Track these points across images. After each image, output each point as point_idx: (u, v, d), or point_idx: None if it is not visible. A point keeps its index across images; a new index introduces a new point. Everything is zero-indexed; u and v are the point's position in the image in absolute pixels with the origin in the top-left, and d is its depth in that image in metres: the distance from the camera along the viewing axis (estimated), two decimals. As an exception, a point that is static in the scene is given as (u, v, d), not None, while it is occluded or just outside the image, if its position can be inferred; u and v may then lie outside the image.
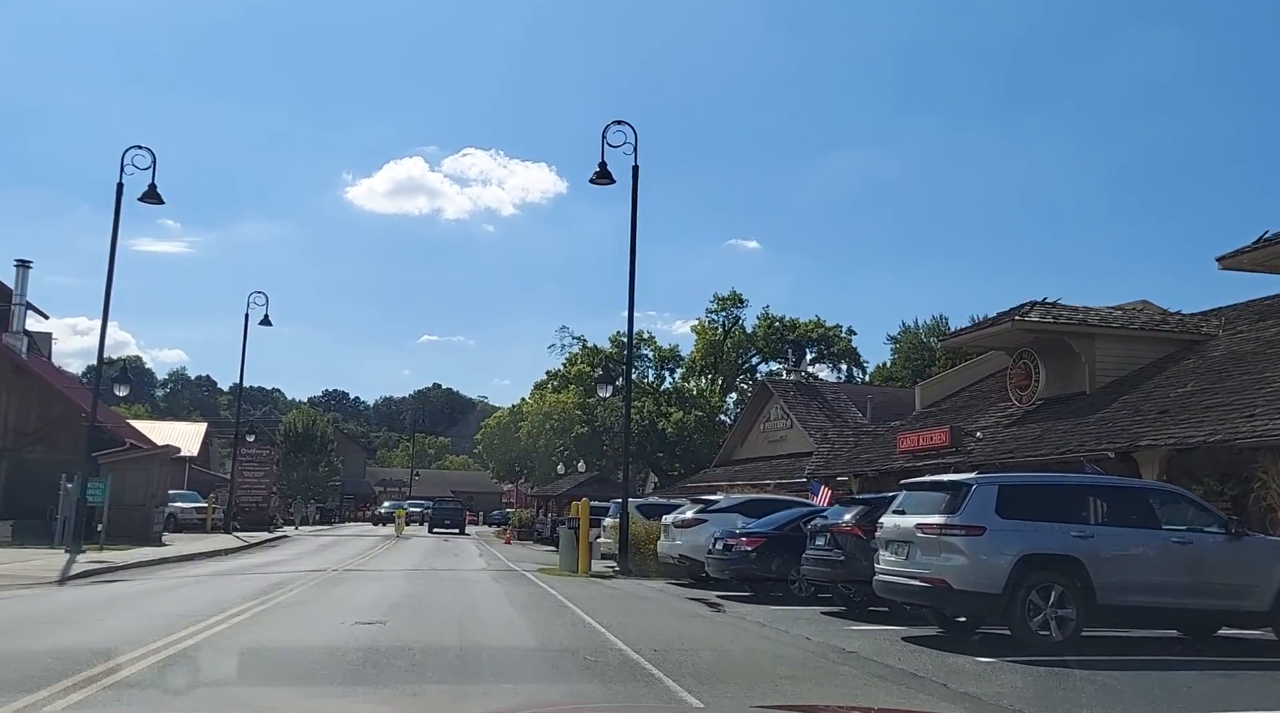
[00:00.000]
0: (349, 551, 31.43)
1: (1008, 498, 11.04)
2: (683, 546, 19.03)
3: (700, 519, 19.01)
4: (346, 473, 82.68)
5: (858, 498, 15.16)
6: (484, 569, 23.81)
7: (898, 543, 11.65)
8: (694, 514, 19.20)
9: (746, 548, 16.28)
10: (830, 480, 27.66)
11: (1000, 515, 10.90)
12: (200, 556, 27.25)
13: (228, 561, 26.05)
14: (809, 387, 43.11)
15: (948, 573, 10.73)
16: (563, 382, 66.07)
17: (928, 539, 11.06)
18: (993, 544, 10.73)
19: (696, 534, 18.84)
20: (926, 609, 11.99)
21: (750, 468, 42.08)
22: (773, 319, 63.82)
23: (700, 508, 19.45)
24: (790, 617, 13.79)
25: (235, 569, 22.11)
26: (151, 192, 26.44)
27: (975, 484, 11.14)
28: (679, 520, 19.27)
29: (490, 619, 12.75)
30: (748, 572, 16.36)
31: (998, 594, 10.61)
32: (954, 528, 10.84)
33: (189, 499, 41.86)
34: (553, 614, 13.33)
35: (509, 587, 18.34)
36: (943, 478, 11.99)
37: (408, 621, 11.98)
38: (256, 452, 49.08)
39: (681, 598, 16.65)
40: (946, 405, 28.58)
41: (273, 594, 15.04)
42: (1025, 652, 10.37)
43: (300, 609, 12.90)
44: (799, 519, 16.73)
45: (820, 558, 14.34)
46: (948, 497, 11.30)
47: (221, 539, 35.33)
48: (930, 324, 57.11)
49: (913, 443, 23.63)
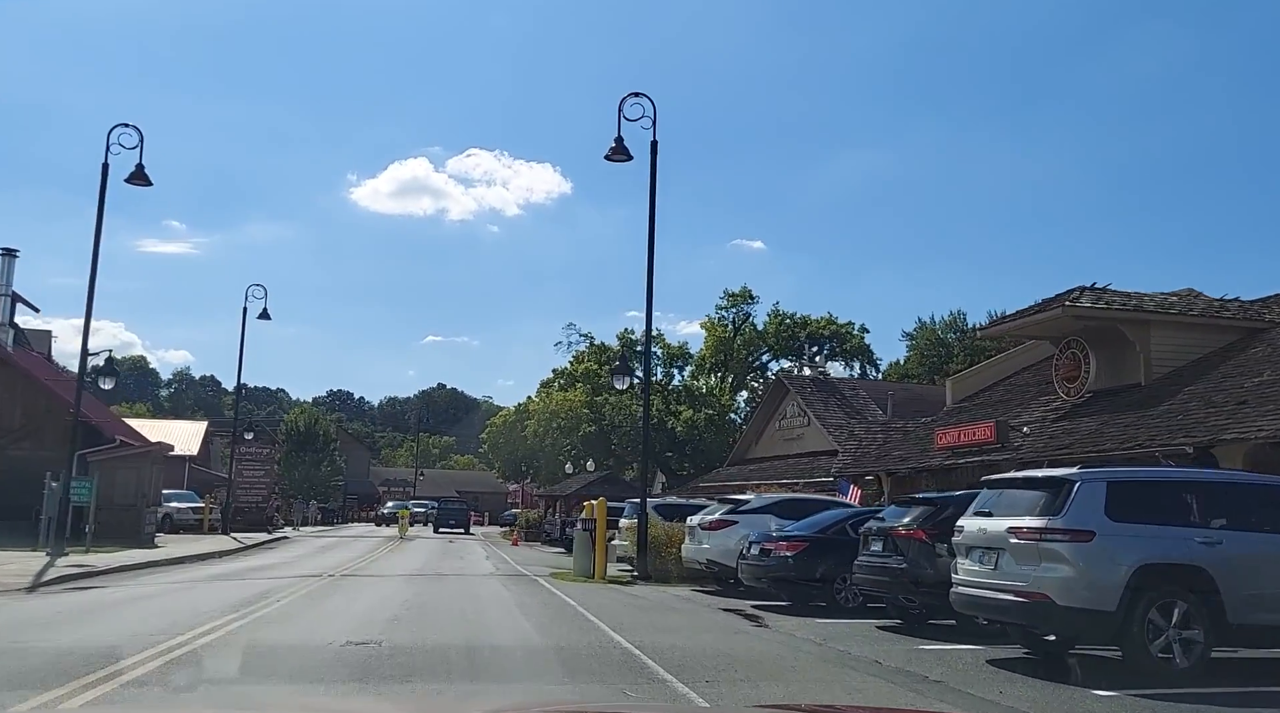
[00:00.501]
0: (349, 553, 29.63)
1: (1119, 497, 9.23)
2: (711, 549, 17.22)
3: (729, 521, 17.20)
4: (350, 473, 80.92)
5: (919, 497, 13.33)
6: (492, 574, 22.02)
7: (982, 550, 9.82)
8: (723, 515, 17.38)
9: (786, 553, 14.45)
10: (857, 479, 25.85)
11: (1110, 518, 9.09)
12: (191, 559, 25.49)
13: (220, 564, 24.26)
14: (826, 383, 41.18)
15: (1050, 587, 8.91)
16: (569, 380, 64.27)
17: (1023, 546, 9.24)
18: (1104, 552, 8.92)
19: (726, 537, 17.04)
20: (1010, 627, 10.17)
21: (766, 467, 40.24)
22: (783, 316, 61.97)
23: (729, 509, 17.63)
24: (844, 633, 11.98)
25: (225, 574, 20.33)
26: (139, 172, 24.62)
27: (1079, 481, 9.32)
28: (707, 522, 17.46)
29: (504, 637, 10.93)
30: (788, 580, 14.53)
31: (1111, 612, 8.79)
32: (1057, 533, 9.02)
33: (186, 499, 40.08)
34: (576, 631, 11.51)
35: (521, 594, 16.53)
36: (1036, 474, 10.16)
37: (408, 638, 10.17)
38: (256, 451, 47.32)
39: (713, 609, 14.84)
40: (980, 400, 26.73)
41: (257, 605, 13.24)
42: (1145, 682, 8.56)
43: (284, 626, 11.09)
44: (844, 521, 14.92)
45: (877, 565, 12.50)
46: (1045, 495, 9.47)
47: (217, 541, 33.56)
48: (948, 320, 55.25)
49: (953, 439, 21.78)
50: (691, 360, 63.94)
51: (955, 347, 53.11)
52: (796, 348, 62.47)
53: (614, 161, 21.62)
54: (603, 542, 19.92)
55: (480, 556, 30.75)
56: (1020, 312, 22.50)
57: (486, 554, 31.51)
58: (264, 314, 38.71)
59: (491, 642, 10.55)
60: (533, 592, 17.07)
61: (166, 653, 8.78)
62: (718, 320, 62.85)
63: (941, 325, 55.58)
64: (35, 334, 46.13)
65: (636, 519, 21.03)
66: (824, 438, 37.83)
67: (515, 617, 13.07)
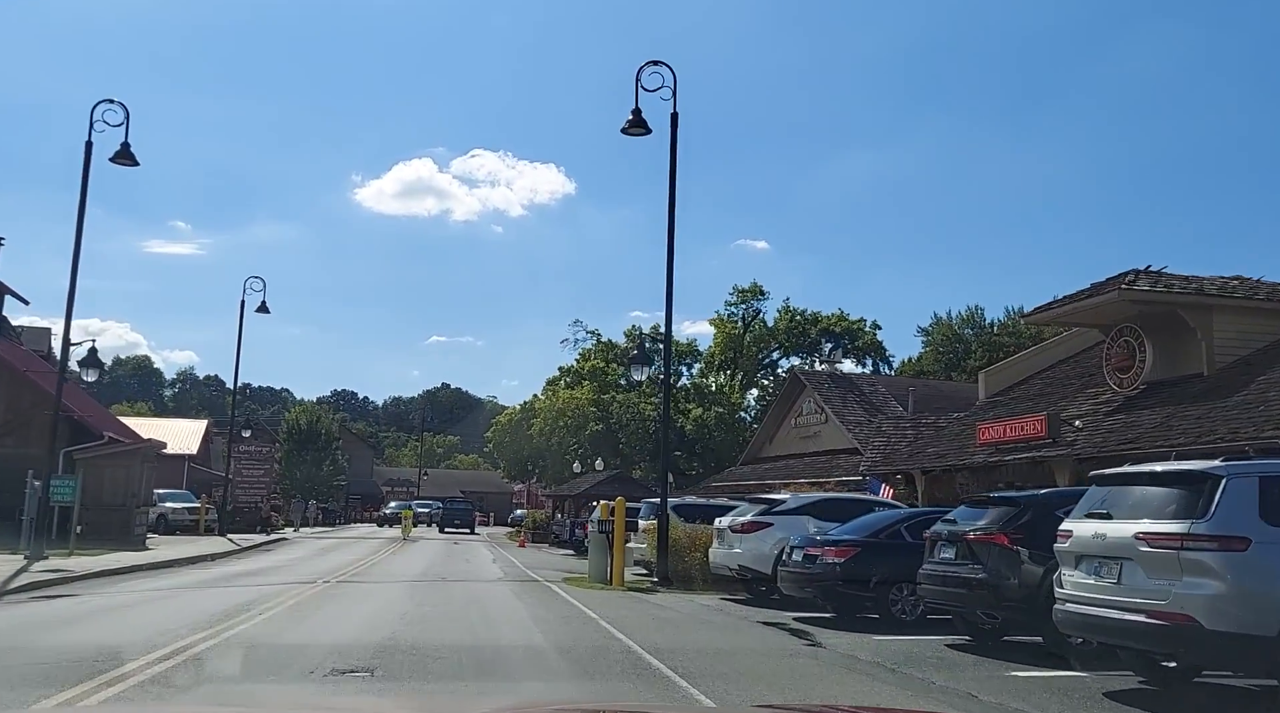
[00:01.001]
0: (349, 555, 27.87)
1: (1275, 496, 7.47)
2: (743, 554, 15.45)
3: (764, 523, 15.44)
4: (354, 473, 79.17)
5: (996, 497, 11.52)
6: (501, 579, 20.26)
7: (1099, 560, 8.06)
8: (756, 517, 15.61)
9: (835, 559, 12.68)
10: (887, 477, 24.09)
11: (1267, 522, 7.33)
12: (181, 562, 23.76)
13: (209, 568, 22.51)
14: (844, 379, 39.43)
15: (1196, 606, 7.15)
16: (576, 378, 62.52)
17: (1157, 556, 7.48)
18: (1262, 564, 7.17)
19: (760, 541, 15.28)
20: (1121, 650, 8.42)
21: (781, 466, 38.47)
22: (794, 312, 60.18)
23: (763, 509, 15.85)
24: (913, 653, 10.21)
25: (211, 580, 18.60)
26: (124, 151, 22.95)
27: (1227, 476, 7.55)
28: (739, 524, 15.68)
29: (521, 663, 9.16)
30: (836, 590, 12.76)
31: (1272, 638, 7.03)
32: (1203, 540, 7.26)
33: (181, 499, 38.31)
34: (602, 653, 9.74)
35: (535, 605, 14.78)
36: (1167, 467, 8.37)
37: (405, 665, 8.43)
38: (255, 449, 45.60)
39: (751, 622, 13.07)
40: (1015, 394, 24.93)
41: (237, 619, 11.49)
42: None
43: (259, 649, 9.32)
44: (897, 524, 13.17)
45: (949, 575, 10.73)
46: (1182, 494, 7.71)
47: (212, 543, 31.83)
48: (965, 315, 53.36)
49: (997, 434, 20.00)
50: (700, 358, 62.20)
51: (974, 343, 51.31)
52: (808, 345, 60.79)
53: (631, 135, 19.85)
54: (621, 545, 18.16)
55: (486, 558, 29.00)
56: (1069, 297, 20.69)
57: (493, 557, 29.75)
58: (262, 307, 37.12)
59: (506, 667, 8.81)
60: (547, 602, 15.32)
61: (104, 685, 7.03)
62: (727, 317, 61.12)
63: (959, 321, 53.72)
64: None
65: (655, 521, 19.31)
66: (843, 436, 36.09)
67: (532, 635, 11.31)
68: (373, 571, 21.90)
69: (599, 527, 18.98)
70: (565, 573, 22.91)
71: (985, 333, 51.47)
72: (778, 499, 16.22)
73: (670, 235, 19.86)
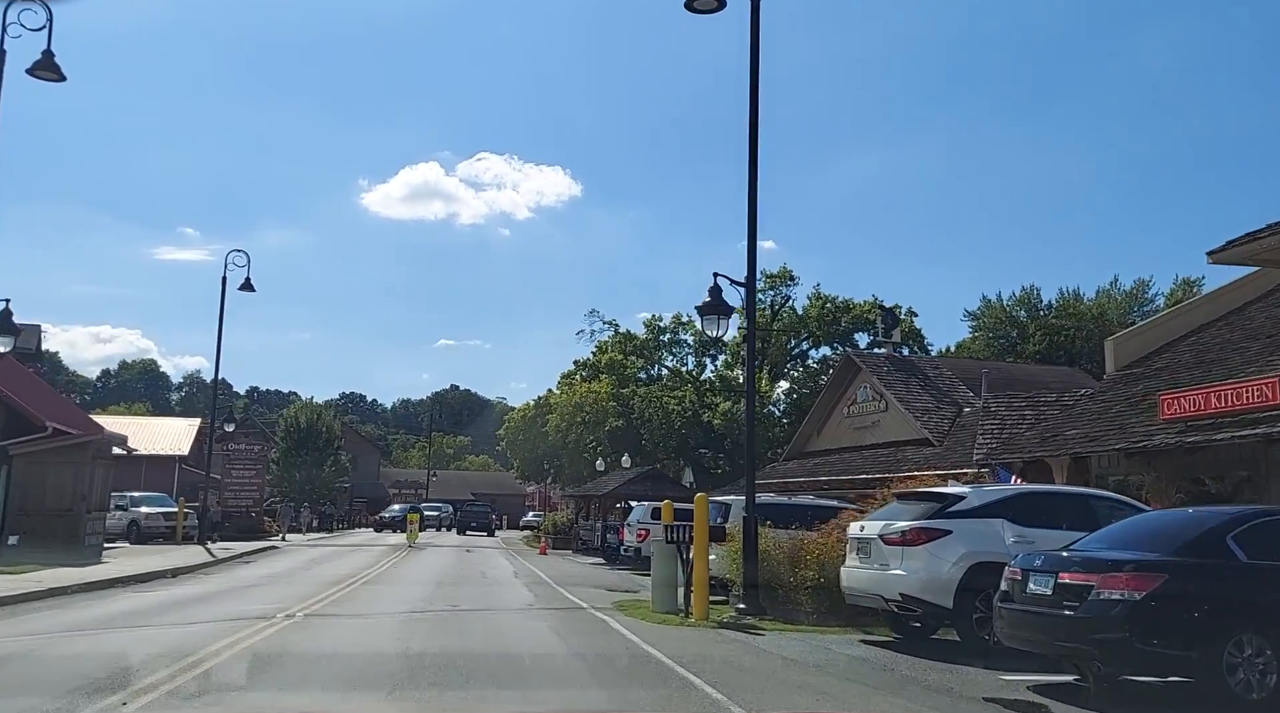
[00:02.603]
0: (339, 570, 22.34)
1: None
2: (906, 578, 9.93)
3: (936, 530, 9.93)
4: (360, 475, 73.66)
5: None
6: (531, 607, 14.72)
7: None
8: (926, 522, 10.07)
9: (1123, 593, 7.17)
10: (1013, 466, 18.59)
11: None
12: (126, 581, 18.36)
13: (154, 590, 17.01)
14: (904, 361, 33.89)
15: None
16: (592, 371, 57.03)
17: None
18: None
19: (933, 558, 9.80)
20: None
21: (835, 460, 32.97)
22: (825, 299, 54.55)
23: (931, 508, 10.30)
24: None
25: (135, 612, 13.13)
26: (47, 61, 17.48)
27: None
28: (896, 533, 10.12)
29: None
30: (1131, 647, 7.21)
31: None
32: None
33: (158, 503, 32.83)
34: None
35: (598, 663, 9.33)
36: None
37: None
38: (246, 448, 40.13)
39: (976, 701, 7.59)
40: (1160, 363, 19.44)
41: (105, 703, 6.06)
42: None
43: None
44: (1219, 530, 7.65)
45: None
46: None
47: (186, 553, 26.38)
48: (1019, 296, 47.70)
49: (1192, 406, 14.49)
50: (726, 348, 56.58)
51: (1030, 326, 45.73)
52: (839, 334, 55.24)
53: (696, 11, 14.39)
54: (705, 563, 12.62)
55: (506, 570, 23.52)
56: (1271, 227, 15.21)
57: (514, 569, 24.25)
58: (246, 285, 31.72)
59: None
60: (614, 655, 9.83)
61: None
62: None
63: (1011, 302, 48.07)
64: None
65: (739, 527, 13.82)
66: (907, 424, 30.58)
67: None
68: (363, 595, 16.39)
69: (667, 535, 13.45)
70: (609, 592, 17.45)
71: (1042, 316, 45.96)
72: (952, 493, 10.65)
73: (753, 128, 14.43)
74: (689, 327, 57.73)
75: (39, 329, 52.24)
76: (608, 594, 17.02)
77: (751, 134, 14.71)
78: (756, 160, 14.48)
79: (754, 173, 14.49)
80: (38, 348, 51.31)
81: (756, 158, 14.44)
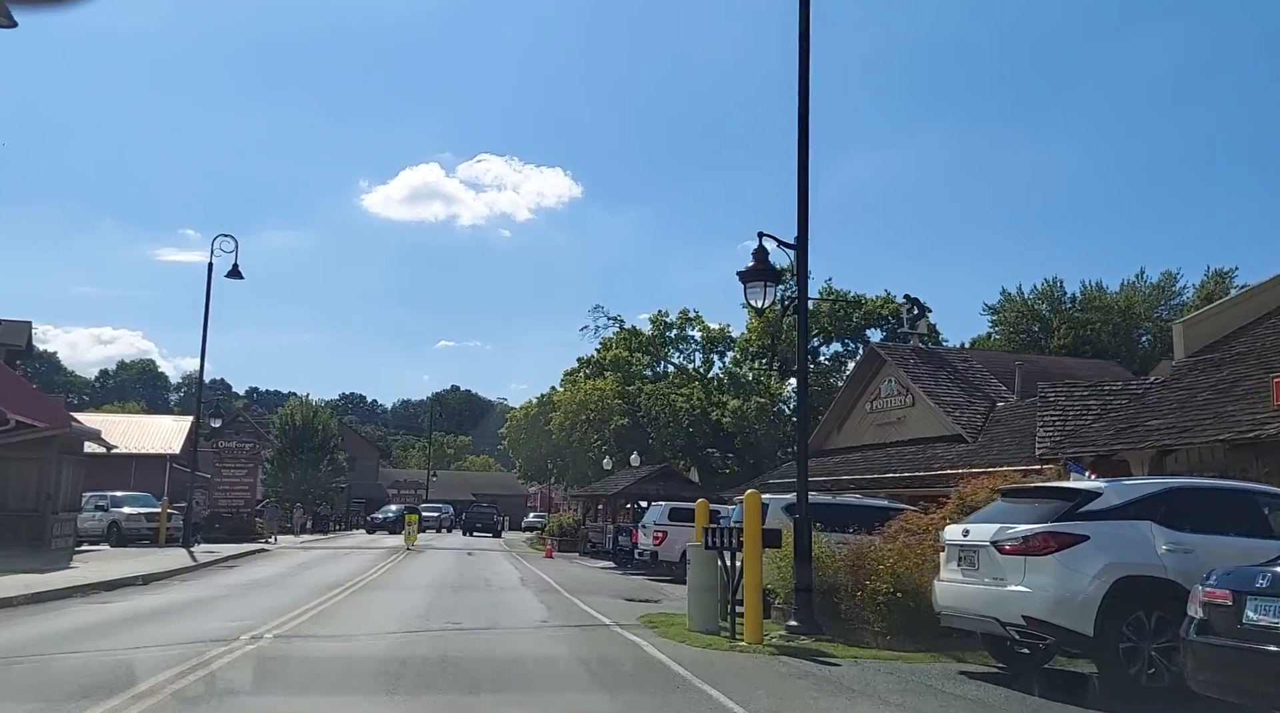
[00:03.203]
0: (328, 576, 20.09)
1: None
2: (1030, 595, 7.71)
3: (1071, 535, 7.70)
4: (360, 476, 71.31)
5: None
6: (546, 624, 12.48)
7: None
8: (1053, 525, 7.83)
9: None
10: (1083, 461, 16.39)
11: None
12: (93, 588, 16.27)
13: (116, 602, 14.77)
14: (932, 354, 31.64)
15: None
16: (596, 369, 54.82)
17: None
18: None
19: (1067, 570, 7.59)
20: None
21: (858, 459, 30.75)
22: (836, 294, 52.31)
23: (1058, 508, 8.07)
24: None
25: (82, 631, 10.89)
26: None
27: None
28: (1013, 538, 7.89)
29: None
30: None
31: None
32: None
33: (141, 503, 30.54)
34: None
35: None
36: None
37: None
38: (238, 446, 37.83)
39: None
40: (1238, 348, 17.29)
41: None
42: None
43: None
44: None
45: None
46: None
47: (166, 557, 24.17)
48: (1042, 288, 45.43)
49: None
50: (734, 345, 54.42)
51: (1054, 320, 43.49)
52: (850, 331, 53.06)
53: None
54: (756, 577, 10.37)
55: (512, 577, 21.30)
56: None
57: (520, 575, 22.02)
58: (234, 272, 29.55)
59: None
60: (666, 696, 7.60)
61: None
62: (763, 299, 53.24)
63: (1034, 296, 45.78)
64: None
65: (785, 530, 11.59)
66: (937, 420, 28.37)
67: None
68: (349, 606, 14.14)
69: (708, 539, 11.23)
70: (629, 603, 15.25)
71: (1066, 309, 43.73)
72: (1076, 489, 8.43)
73: (804, 46, 12.29)
74: (696, 322, 55.67)
75: (29, 326, 50.03)
76: (628, 606, 14.81)
77: (802, 63, 12.54)
78: (808, 87, 12.36)
79: (804, 99, 12.36)
80: (28, 345, 49.10)
81: (808, 86, 12.30)
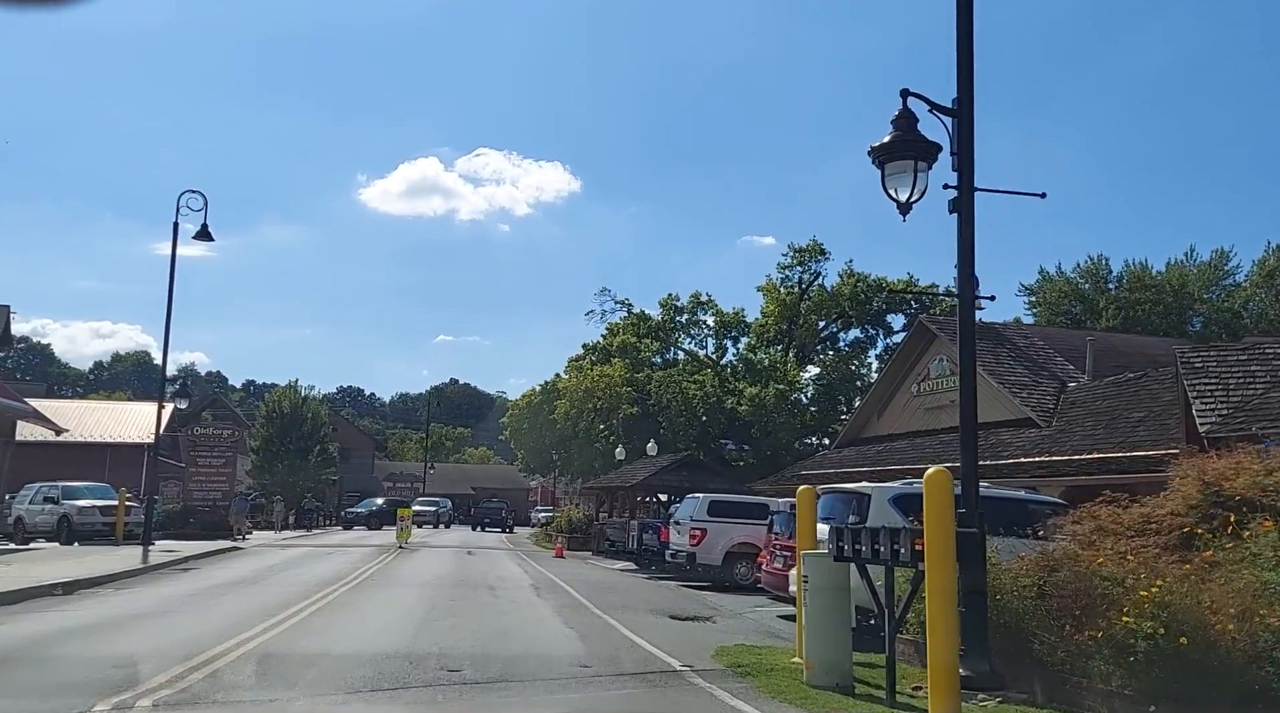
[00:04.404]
0: (297, 585, 16.02)
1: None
2: None
3: None
4: (355, 468, 67.30)
5: None
6: (584, 669, 8.48)
7: None
8: None
9: None
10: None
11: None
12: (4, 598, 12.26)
13: (9, 622, 10.80)
14: (988, 328, 27.73)
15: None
16: (603, 355, 50.87)
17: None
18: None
19: None
20: None
21: (903, 447, 26.88)
22: (858, 277, 48.39)
23: None
24: None
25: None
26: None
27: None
28: None
29: None
30: None
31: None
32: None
33: (97, 494, 26.50)
34: None
35: None
36: None
37: None
38: (215, 432, 33.88)
39: None
40: None
41: None
42: None
43: None
44: None
45: None
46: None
47: (114, 557, 20.25)
48: (1086, 266, 41.56)
49: None
50: (749, 330, 50.50)
51: (1101, 300, 39.67)
52: (872, 316, 49.22)
53: None
54: (951, 607, 6.41)
55: (522, 583, 17.32)
56: None
57: (531, 581, 18.02)
58: (203, 232, 25.57)
59: None
60: None
61: None
62: (780, 281, 49.36)
63: (1077, 274, 41.91)
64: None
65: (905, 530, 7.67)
66: (1000, 402, 24.37)
67: None
68: (309, 634, 10.15)
69: (840, 543, 7.26)
70: (678, 623, 11.29)
71: (1112, 289, 39.91)
72: None
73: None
74: (709, 306, 51.73)
75: (7, 310, 46.25)
76: (681, 630, 10.89)
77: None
78: None
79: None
80: (6, 330, 45.37)
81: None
